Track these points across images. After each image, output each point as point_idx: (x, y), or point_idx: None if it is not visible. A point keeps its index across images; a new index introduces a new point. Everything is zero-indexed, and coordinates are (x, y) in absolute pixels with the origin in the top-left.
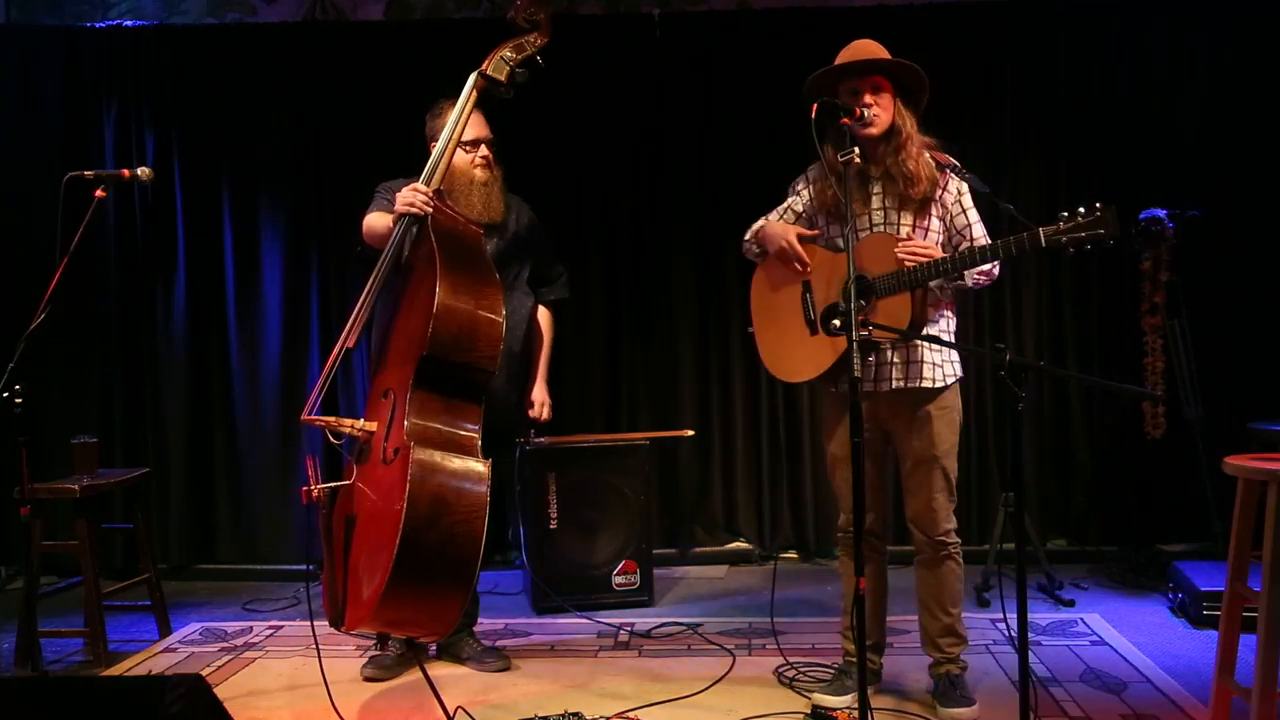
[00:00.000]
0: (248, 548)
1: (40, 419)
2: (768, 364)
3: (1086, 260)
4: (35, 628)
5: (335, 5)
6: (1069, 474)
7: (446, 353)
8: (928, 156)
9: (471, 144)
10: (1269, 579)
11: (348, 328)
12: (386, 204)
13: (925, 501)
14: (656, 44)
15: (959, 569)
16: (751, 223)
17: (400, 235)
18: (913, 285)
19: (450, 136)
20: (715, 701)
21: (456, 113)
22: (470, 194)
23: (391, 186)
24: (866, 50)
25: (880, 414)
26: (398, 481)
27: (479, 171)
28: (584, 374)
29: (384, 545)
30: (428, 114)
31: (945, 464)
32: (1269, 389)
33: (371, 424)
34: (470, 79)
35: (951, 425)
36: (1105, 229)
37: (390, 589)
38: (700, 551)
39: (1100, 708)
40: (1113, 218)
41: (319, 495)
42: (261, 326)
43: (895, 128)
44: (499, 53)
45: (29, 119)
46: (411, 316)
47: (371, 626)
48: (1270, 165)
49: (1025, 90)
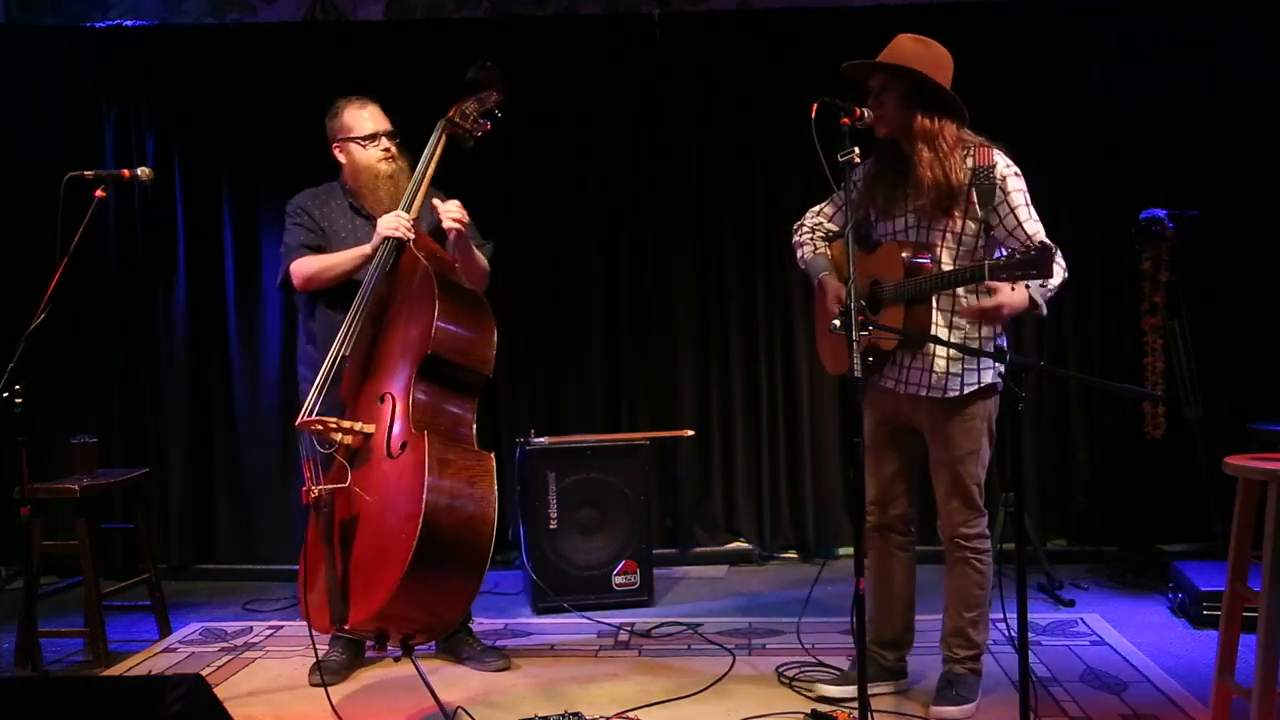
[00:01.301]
0: (248, 548)
1: (40, 419)
2: (822, 357)
3: (1087, 260)
4: (35, 628)
5: (335, 5)
6: (1069, 474)
7: (447, 353)
8: (957, 159)
9: (369, 138)
10: (1269, 579)
11: (346, 337)
12: (310, 235)
13: (940, 503)
14: (656, 44)
15: (977, 575)
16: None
17: (384, 256)
18: (908, 300)
19: (424, 173)
20: (715, 701)
21: (427, 154)
22: (377, 188)
23: (305, 207)
24: (894, 48)
25: (904, 410)
26: (410, 471)
27: (383, 165)
28: (584, 374)
29: (397, 537)
30: (326, 116)
31: (960, 470)
32: (1269, 389)
33: (370, 426)
34: (439, 124)
35: (970, 432)
36: (1037, 268)
37: (409, 576)
38: (700, 551)
39: (1100, 708)
40: (1047, 257)
41: (321, 495)
42: (261, 326)
43: (909, 130)
44: (462, 105)
45: (29, 119)
46: (408, 326)
47: (379, 621)
48: (1270, 165)
49: (1025, 90)
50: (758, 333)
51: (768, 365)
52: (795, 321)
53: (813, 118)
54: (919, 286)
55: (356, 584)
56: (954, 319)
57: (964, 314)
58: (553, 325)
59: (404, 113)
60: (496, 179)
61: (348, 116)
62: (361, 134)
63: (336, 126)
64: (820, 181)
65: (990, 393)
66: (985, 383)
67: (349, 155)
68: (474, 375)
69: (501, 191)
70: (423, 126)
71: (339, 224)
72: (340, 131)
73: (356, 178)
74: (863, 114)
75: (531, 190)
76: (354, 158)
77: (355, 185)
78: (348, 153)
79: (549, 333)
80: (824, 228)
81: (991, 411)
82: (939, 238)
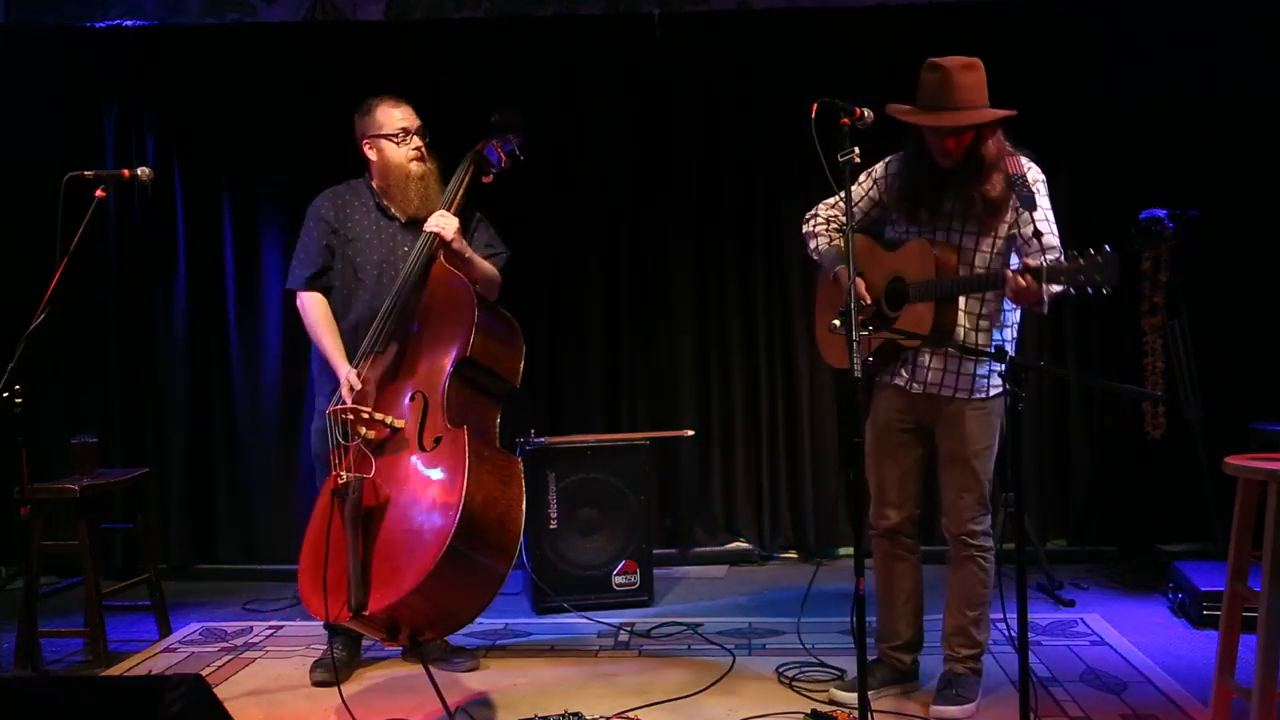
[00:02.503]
0: (248, 548)
1: (40, 419)
2: (820, 348)
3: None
4: (35, 628)
5: (335, 5)
6: (1069, 474)
7: (482, 358)
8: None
9: (400, 135)
10: (1269, 579)
11: (376, 337)
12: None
13: (951, 498)
14: (656, 44)
15: (982, 574)
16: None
17: (425, 249)
18: (939, 297)
19: (454, 196)
20: (715, 701)
21: (456, 179)
22: (407, 188)
23: (323, 214)
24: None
25: (918, 409)
26: (447, 462)
27: (414, 165)
28: (584, 374)
29: (431, 525)
30: (356, 114)
31: (975, 464)
32: (1269, 389)
33: (400, 420)
34: (468, 155)
35: (987, 428)
36: (1101, 275)
37: (441, 564)
38: (700, 551)
39: (1100, 708)
40: (1113, 267)
41: (350, 480)
42: (261, 326)
43: (984, 158)
44: (490, 141)
45: (29, 119)
46: (445, 331)
47: (397, 610)
48: (1270, 165)
49: (1025, 90)
50: (758, 332)
51: (768, 365)
52: (795, 321)
53: (813, 118)
54: (954, 285)
55: (382, 570)
56: (979, 321)
57: (1010, 285)
58: (553, 325)
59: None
60: (496, 178)
61: (380, 114)
62: (393, 130)
63: (368, 123)
64: (821, 182)
65: (1005, 393)
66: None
67: (380, 152)
68: (504, 384)
69: (501, 190)
70: (423, 126)
71: (362, 225)
72: (372, 128)
73: (386, 176)
74: (863, 114)
75: (531, 190)
76: (385, 155)
77: (384, 184)
78: (379, 149)
79: (549, 332)
80: (839, 220)
81: (1003, 408)
82: (973, 242)
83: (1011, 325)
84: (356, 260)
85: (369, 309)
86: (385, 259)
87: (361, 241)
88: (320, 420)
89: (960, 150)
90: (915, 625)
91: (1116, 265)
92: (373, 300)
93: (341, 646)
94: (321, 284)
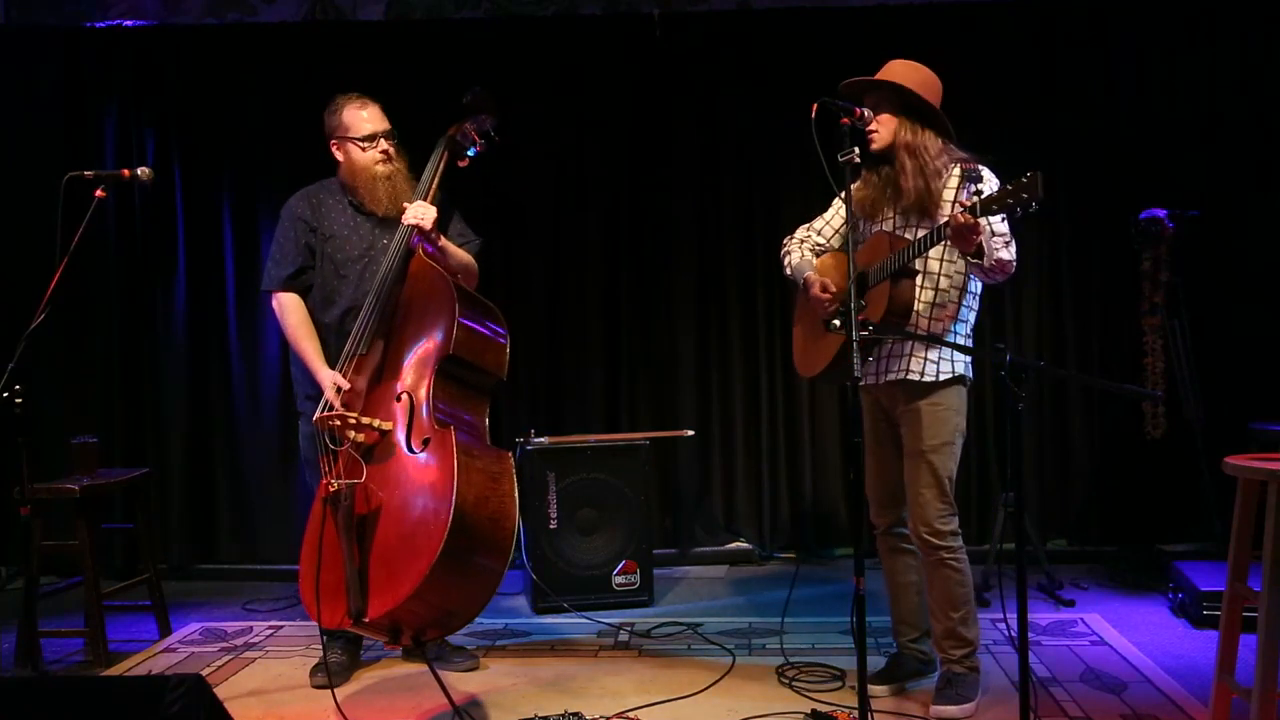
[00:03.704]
0: (248, 548)
1: (40, 419)
2: (794, 359)
3: (1087, 260)
4: (35, 628)
5: (335, 5)
6: (1069, 474)
7: (466, 354)
8: (938, 168)
9: (368, 139)
10: (1269, 579)
11: (358, 338)
12: (297, 255)
13: (913, 496)
14: (656, 44)
15: (955, 574)
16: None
17: (404, 242)
18: (892, 275)
19: (428, 186)
20: (715, 701)
21: (429, 169)
22: (374, 188)
23: (298, 213)
24: (886, 70)
25: (883, 403)
26: (436, 465)
27: (380, 166)
28: (584, 374)
29: (425, 528)
30: (325, 112)
31: (932, 459)
32: (1269, 389)
33: (387, 423)
34: (440, 141)
35: (942, 422)
36: (1028, 194)
37: (437, 567)
38: (700, 551)
39: (1100, 708)
40: (1036, 184)
41: (341, 488)
42: (261, 326)
43: (897, 144)
44: (463, 125)
45: (29, 119)
46: (426, 328)
47: (398, 614)
48: (1270, 165)
49: (1025, 90)
50: (758, 332)
51: (768, 365)
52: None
53: (813, 118)
54: (903, 256)
55: (378, 576)
56: (934, 310)
57: (950, 226)
58: (553, 324)
59: (404, 112)
60: (496, 178)
61: (347, 115)
62: (360, 135)
63: (335, 124)
64: (821, 182)
65: (960, 383)
66: (957, 372)
67: (346, 154)
68: (489, 377)
69: (501, 191)
70: (423, 126)
71: (339, 222)
72: (339, 130)
73: (354, 177)
74: (862, 114)
75: (531, 189)
76: (351, 158)
77: (352, 183)
78: (345, 152)
79: (549, 333)
80: (812, 240)
81: (962, 405)
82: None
83: (967, 321)
84: (337, 257)
85: (353, 302)
86: (365, 253)
87: (340, 238)
88: (307, 425)
89: (888, 136)
90: (924, 614)
91: (1039, 182)
92: (355, 294)
93: (341, 650)
94: (299, 284)
